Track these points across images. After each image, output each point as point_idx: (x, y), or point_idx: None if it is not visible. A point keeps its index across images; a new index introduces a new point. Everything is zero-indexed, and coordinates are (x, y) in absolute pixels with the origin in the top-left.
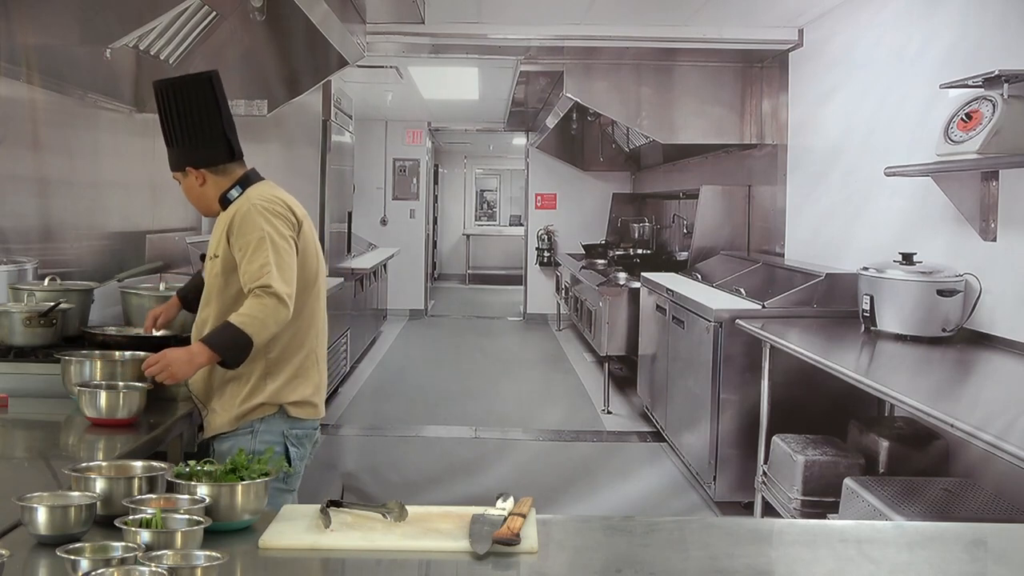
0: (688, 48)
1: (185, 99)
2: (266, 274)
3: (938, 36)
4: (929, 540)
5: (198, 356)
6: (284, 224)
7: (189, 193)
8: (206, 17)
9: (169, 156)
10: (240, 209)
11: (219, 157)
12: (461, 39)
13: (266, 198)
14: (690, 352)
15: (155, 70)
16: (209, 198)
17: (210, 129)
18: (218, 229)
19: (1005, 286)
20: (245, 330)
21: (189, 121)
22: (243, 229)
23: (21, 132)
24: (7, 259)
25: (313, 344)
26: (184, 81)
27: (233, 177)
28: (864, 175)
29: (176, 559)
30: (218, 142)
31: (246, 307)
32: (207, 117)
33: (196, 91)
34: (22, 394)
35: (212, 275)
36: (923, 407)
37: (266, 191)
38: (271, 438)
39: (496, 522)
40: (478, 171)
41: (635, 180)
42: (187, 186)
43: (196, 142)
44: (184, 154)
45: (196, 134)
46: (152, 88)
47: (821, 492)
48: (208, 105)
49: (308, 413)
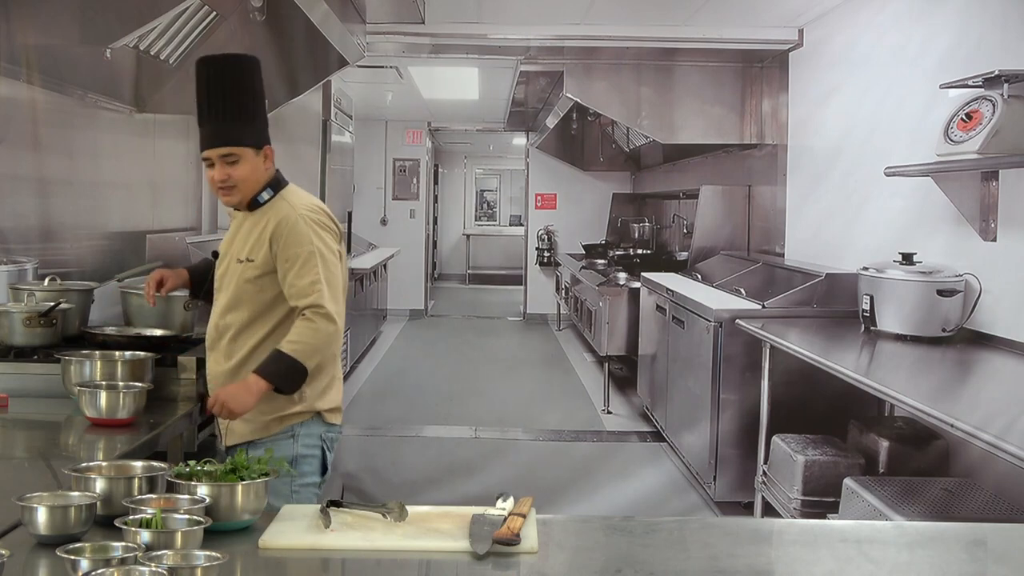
0: (688, 48)
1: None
2: (316, 292)
3: (938, 36)
4: (929, 540)
5: (255, 387)
6: (332, 237)
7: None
8: (206, 17)
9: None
10: (286, 217)
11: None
12: (461, 39)
13: (311, 207)
14: (690, 352)
15: (155, 70)
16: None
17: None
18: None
19: (1005, 286)
20: (299, 359)
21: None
22: (290, 240)
23: (21, 132)
24: (7, 259)
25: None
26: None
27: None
28: (864, 175)
29: (176, 559)
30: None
31: (297, 333)
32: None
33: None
34: (22, 394)
35: (242, 279)
36: (923, 407)
37: (307, 199)
38: (311, 442)
39: (496, 522)
40: (478, 171)
41: (635, 180)
42: (253, 166)
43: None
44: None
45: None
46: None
47: (821, 492)
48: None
49: (338, 419)
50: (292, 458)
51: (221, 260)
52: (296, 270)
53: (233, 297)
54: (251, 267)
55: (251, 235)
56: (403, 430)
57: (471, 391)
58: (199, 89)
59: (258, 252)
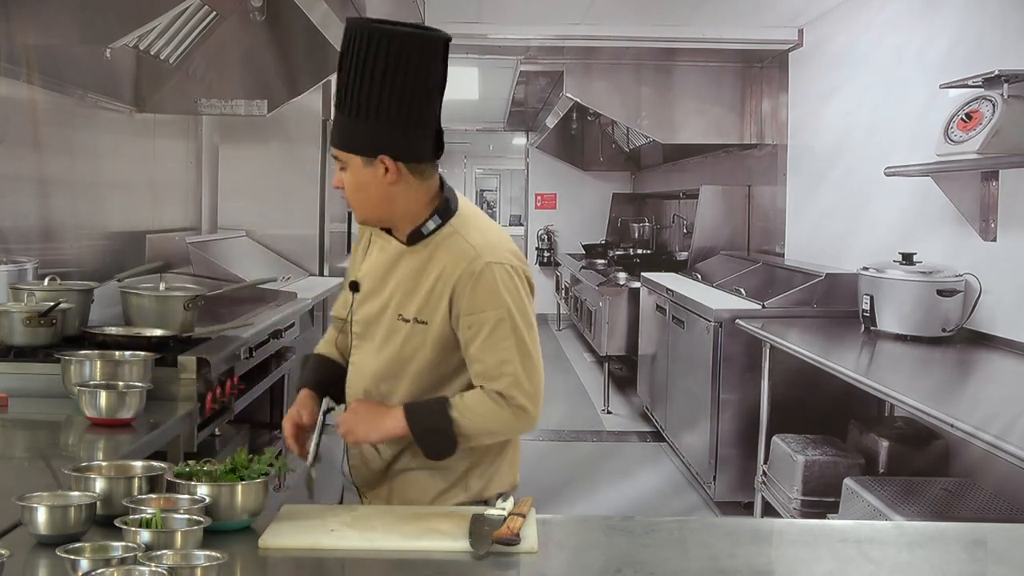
0: (688, 48)
1: (406, 59)
2: (507, 375)
3: (938, 36)
4: (929, 540)
5: (389, 422)
6: (527, 291)
7: (362, 191)
8: (206, 17)
9: (343, 129)
10: (472, 267)
11: (425, 152)
12: (461, 39)
13: (505, 252)
14: (690, 352)
15: (155, 70)
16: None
17: (427, 109)
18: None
19: (1005, 286)
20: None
21: (402, 89)
22: (478, 300)
23: (21, 132)
24: (7, 259)
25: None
26: (410, 36)
27: (431, 189)
28: (864, 175)
29: (176, 559)
30: (429, 130)
31: (478, 402)
32: (429, 93)
33: (424, 53)
34: (22, 394)
35: (410, 346)
36: (923, 407)
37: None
38: None
39: (496, 522)
40: (478, 171)
41: (635, 180)
42: (361, 180)
43: (403, 121)
44: (379, 133)
45: (415, 110)
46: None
47: (821, 492)
48: (435, 77)
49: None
50: None
51: (366, 299)
52: (482, 341)
53: (395, 363)
54: (423, 332)
55: (419, 283)
56: None
57: None
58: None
59: (434, 313)
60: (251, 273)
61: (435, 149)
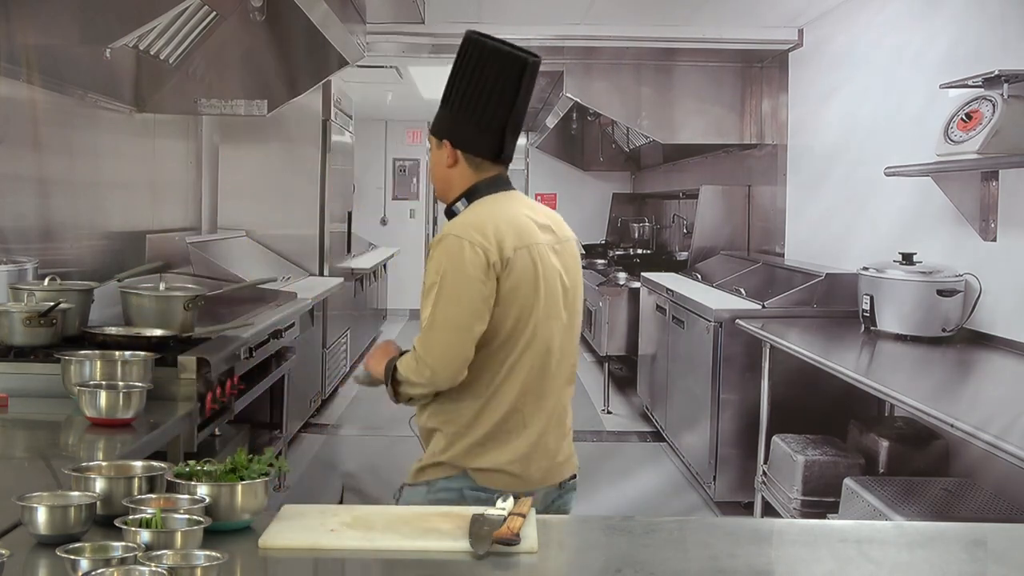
0: (688, 48)
1: (488, 68)
2: (423, 332)
3: (938, 36)
4: (929, 540)
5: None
6: (474, 264)
7: (436, 167)
8: (206, 17)
9: (437, 115)
10: (439, 236)
11: (484, 149)
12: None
13: (469, 224)
14: (690, 352)
15: (155, 70)
16: (452, 184)
17: (493, 114)
18: None
19: (1005, 286)
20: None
21: (478, 92)
22: (431, 263)
23: (21, 132)
24: (7, 259)
25: (519, 404)
26: (500, 52)
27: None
28: (864, 175)
29: (176, 559)
30: (493, 134)
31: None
32: (499, 101)
33: (503, 66)
34: (22, 394)
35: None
36: (923, 407)
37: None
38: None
39: (496, 522)
40: None
41: (635, 180)
42: (437, 158)
43: (471, 117)
44: (451, 123)
45: (476, 110)
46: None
47: (821, 492)
48: (507, 89)
49: (499, 483)
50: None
51: None
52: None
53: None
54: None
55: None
56: (403, 430)
57: None
58: None
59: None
60: (251, 273)
61: (496, 150)
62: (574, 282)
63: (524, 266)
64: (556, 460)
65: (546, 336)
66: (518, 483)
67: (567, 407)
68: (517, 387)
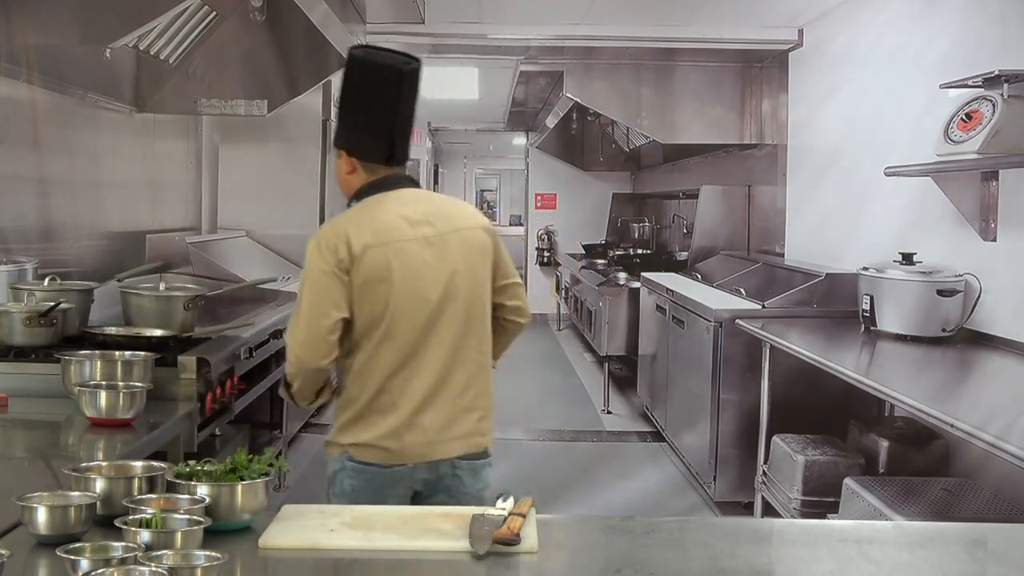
0: (688, 48)
1: (366, 79)
2: (289, 322)
3: (938, 36)
4: (929, 540)
5: None
6: (325, 260)
7: (337, 174)
8: (206, 17)
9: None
10: None
11: (376, 155)
12: (461, 39)
13: (327, 227)
14: (690, 352)
15: (155, 70)
16: (355, 189)
17: (378, 122)
18: None
19: (1005, 286)
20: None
21: (361, 104)
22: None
23: (21, 132)
24: (7, 259)
25: (387, 385)
26: (374, 62)
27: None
28: (864, 175)
29: (176, 559)
30: (381, 139)
31: None
32: (381, 108)
33: (381, 76)
34: (22, 394)
35: None
36: (923, 407)
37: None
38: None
39: (496, 522)
40: (478, 171)
41: (635, 180)
42: (337, 166)
43: (358, 128)
44: (345, 134)
45: (362, 120)
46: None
47: (821, 492)
48: (386, 96)
49: (373, 456)
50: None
51: None
52: None
53: None
54: None
55: None
56: None
57: None
58: None
59: None
60: (251, 273)
61: (387, 154)
62: (465, 267)
63: (375, 263)
64: (439, 437)
65: (409, 326)
66: (392, 457)
67: (464, 387)
68: (382, 371)
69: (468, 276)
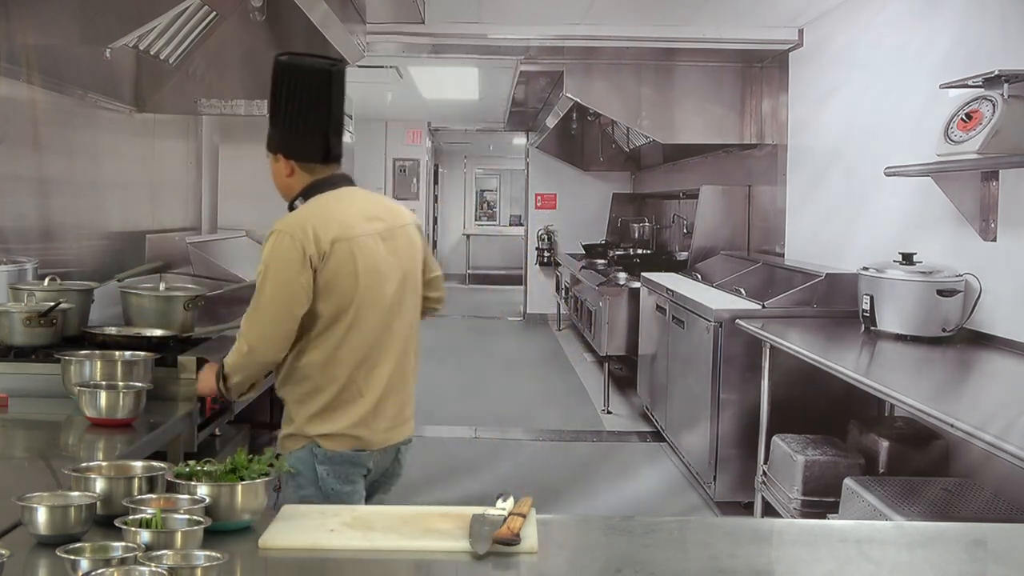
0: (688, 48)
1: (297, 83)
2: (246, 314)
3: (938, 36)
4: (929, 540)
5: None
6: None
7: (275, 178)
8: (206, 17)
9: (268, 134)
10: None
11: (313, 155)
12: (461, 39)
13: (291, 222)
14: (690, 352)
15: (155, 70)
16: (294, 190)
17: (313, 123)
18: None
19: (1005, 286)
20: (224, 367)
21: (294, 107)
22: (263, 254)
23: (21, 132)
24: (7, 259)
25: (354, 376)
26: (299, 66)
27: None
28: (864, 175)
29: (176, 559)
30: (316, 139)
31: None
32: (314, 110)
33: (310, 79)
34: (22, 394)
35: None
36: (923, 407)
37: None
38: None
39: (496, 522)
40: (478, 171)
41: (635, 180)
42: (275, 170)
43: (294, 131)
44: (279, 139)
45: (297, 123)
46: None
47: (821, 492)
48: (319, 98)
49: (343, 445)
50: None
51: None
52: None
53: None
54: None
55: None
56: None
57: (471, 391)
58: None
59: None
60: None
61: (324, 152)
62: (411, 262)
63: (342, 258)
64: (395, 423)
65: (372, 318)
66: (360, 444)
67: (407, 375)
68: (350, 362)
69: (414, 269)
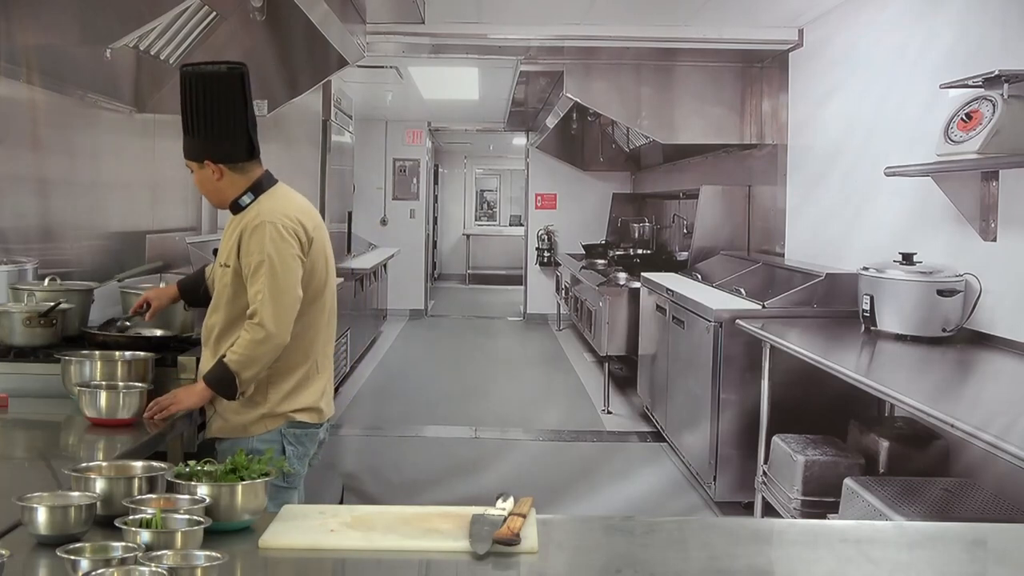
0: (688, 48)
1: (212, 90)
2: (259, 302)
3: (938, 36)
4: (929, 540)
5: (198, 390)
6: (291, 244)
7: (203, 185)
8: (206, 17)
9: (185, 144)
10: (251, 223)
11: (239, 154)
12: (461, 39)
13: (279, 214)
14: (690, 352)
15: (155, 70)
16: (224, 194)
17: (234, 124)
18: (229, 238)
19: (1005, 286)
20: (232, 368)
21: (213, 113)
22: (250, 247)
23: (21, 132)
24: (7, 259)
25: (316, 354)
26: (213, 73)
27: (250, 178)
28: (864, 175)
29: (176, 559)
30: (240, 139)
31: (238, 343)
32: (232, 112)
33: (224, 84)
34: (22, 394)
35: (222, 283)
36: (923, 407)
37: (279, 205)
38: (269, 436)
39: (496, 522)
40: (478, 171)
41: (635, 180)
42: (202, 177)
43: (217, 135)
44: (203, 146)
45: (219, 127)
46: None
47: (821, 492)
48: (235, 100)
49: (312, 417)
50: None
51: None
52: (250, 278)
53: (215, 299)
54: (227, 272)
55: (229, 239)
56: (403, 430)
57: (471, 391)
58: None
59: (232, 257)
60: None
61: (250, 150)
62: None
63: (318, 245)
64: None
65: (330, 299)
66: (320, 416)
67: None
68: (318, 340)
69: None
